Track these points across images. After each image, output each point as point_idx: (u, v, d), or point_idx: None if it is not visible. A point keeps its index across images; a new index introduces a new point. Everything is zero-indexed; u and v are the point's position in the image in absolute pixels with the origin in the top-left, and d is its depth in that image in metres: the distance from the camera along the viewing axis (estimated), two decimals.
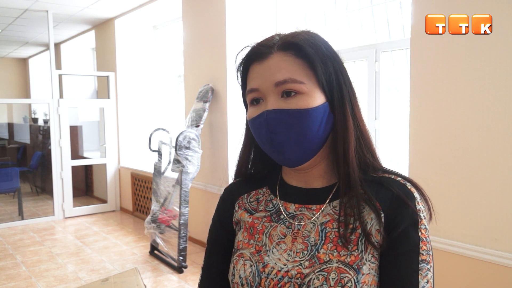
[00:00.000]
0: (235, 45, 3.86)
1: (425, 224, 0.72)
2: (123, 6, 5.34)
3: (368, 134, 0.79)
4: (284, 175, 0.85)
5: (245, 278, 0.76)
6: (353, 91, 0.79)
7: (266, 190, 0.86)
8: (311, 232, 0.76)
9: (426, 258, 0.71)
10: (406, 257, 0.70)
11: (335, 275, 0.70)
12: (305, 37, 0.76)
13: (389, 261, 0.71)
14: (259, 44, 0.78)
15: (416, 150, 2.44)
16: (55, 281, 3.57)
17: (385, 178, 0.76)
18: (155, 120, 5.92)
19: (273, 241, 0.78)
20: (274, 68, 0.74)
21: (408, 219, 0.71)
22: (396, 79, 3.05)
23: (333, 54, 0.77)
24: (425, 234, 0.72)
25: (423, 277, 0.69)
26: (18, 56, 9.75)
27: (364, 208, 0.74)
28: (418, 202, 0.73)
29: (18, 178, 6.10)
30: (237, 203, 0.87)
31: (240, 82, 0.82)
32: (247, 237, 0.81)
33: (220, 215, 0.90)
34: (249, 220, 0.83)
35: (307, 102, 0.73)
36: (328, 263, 0.71)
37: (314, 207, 0.78)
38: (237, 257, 0.80)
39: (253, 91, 0.77)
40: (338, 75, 0.76)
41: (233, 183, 0.92)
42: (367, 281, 0.70)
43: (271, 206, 0.83)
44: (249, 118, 0.78)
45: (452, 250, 2.28)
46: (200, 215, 4.39)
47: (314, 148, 0.76)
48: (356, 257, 0.71)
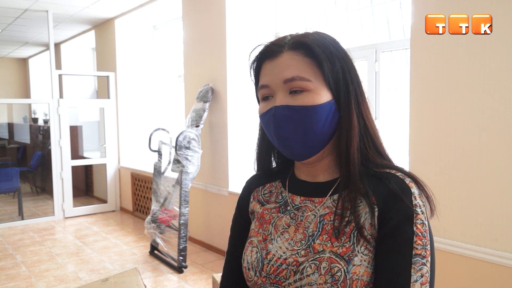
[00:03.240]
0: (235, 45, 3.86)
1: (422, 219, 0.73)
2: (123, 6, 5.34)
3: (375, 132, 0.82)
4: (295, 170, 0.90)
5: (251, 263, 0.83)
6: (361, 89, 0.82)
7: (278, 183, 0.91)
8: (311, 223, 0.80)
9: (421, 252, 0.71)
10: (398, 251, 0.72)
11: (326, 264, 0.73)
12: (315, 37, 0.80)
13: (382, 254, 0.73)
14: (272, 43, 0.82)
15: (416, 150, 2.44)
16: (55, 281, 3.57)
17: (385, 173, 0.78)
18: (155, 120, 5.92)
19: (278, 231, 0.83)
20: (284, 66, 0.78)
21: (402, 214, 0.73)
22: (396, 79, 3.06)
23: (341, 53, 0.81)
24: (421, 229, 0.72)
25: (417, 271, 0.70)
26: (18, 56, 9.75)
27: (361, 202, 0.77)
28: (415, 197, 0.74)
29: (18, 178, 6.10)
30: (252, 194, 0.93)
31: (253, 78, 0.87)
32: (257, 226, 0.88)
33: (239, 205, 0.96)
34: (260, 210, 0.89)
35: (313, 99, 0.76)
36: (321, 253, 0.75)
37: (317, 200, 0.82)
38: (248, 244, 0.87)
39: (264, 87, 0.81)
40: (346, 74, 0.79)
41: (253, 176, 0.98)
42: (358, 272, 0.72)
43: (280, 198, 0.88)
44: (260, 114, 0.83)
45: (452, 250, 2.28)
46: (200, 215, 4.39)
47: (319, 143, 0.79)
48: (347, 249, 0.74)
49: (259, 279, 0.80)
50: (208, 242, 4.34)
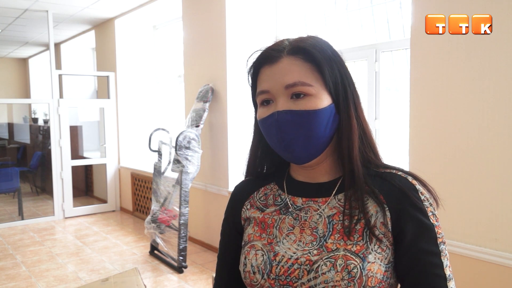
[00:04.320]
0: (235, 45, 3.86)
1: (432, 210, 0.78)
2: (123, 6, 5.34)
3: (370, 133, 0.84)
4: (291, 172, 0.90)
5: (257, 266, 0.81)
6: (357, 92, 0.84)
7: (273, 186, 0.90)
8: (318, 223, 0.80)
9: (442, 239, 0.77)
10: (428, 245, 0.76)
11: (342, 261, 0.74)
12: (312, 42, 0.81)
13: (413, 251, 0.76)
14: (269, 48, 0.82)
15: (416, 150, 2.44)
16: (55, 281, 3.57)
17: (387, 173, 0.81)
18: (155, 120, 5.92)
19: (283, 233, 0.83)
20: (285, 71, 0.78)
21: (417, 210, 0.76)
22: (396, 79, 3.05)
23: (338, 58, 0.82)
24: (435, 219, 0.77)
25: (444, 256, 0.77)
26: (18, 56, 9.75)
27: (368, 200, 0.79)
28: (422, 193, 0.78)
29: (18, 178, 6.10)
30: (248, 201, 0.91)
31: (251, 83, 0.86)
32: (258, 231, 0.86)
33: (230, 211, 0.95)
34: (260, 216, 0.88)
35: (315, 103, 0.77)
36: (336, 251, 0.76)
37: (320, 200, 0.82)
38: (249, 248, 0.85)
39: (264, 92, 0.81)
40: (343, 78, 0.81)
41: (243, 182, 0.96)
42: (373, 269, 0.74)
43: (279, 201, 0.87)
44: (260, 118, 0.82)
45: (452, 250, 2.28)
46: (200, 215, 4.39)
47: (321, 146, 0.80)
48: (361, 247, 0.75)
49: (266, 281, 0.79)
50: (208, 242, 4.34)
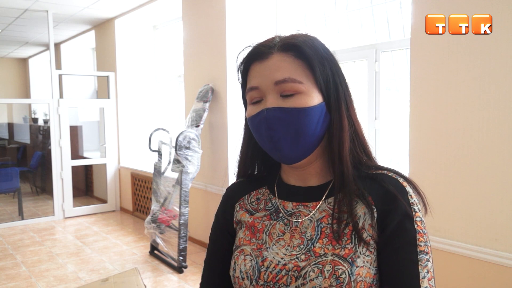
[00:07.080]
0: (235, 45, 3.86)
1: (420, 216, 0.75)
2: (123, 6, 5.34)
3: (362, 134, 0.82)
4: (282, 174, 0.88)
5: (245, 272, 0.79)
6: (349, 92, 0.82)
7: (265, 190, 0.88)
8: (308, 228, 0.78)
9: (424, 249, 0.73)
10: (404, 250, 0.72)
11: (330, 267, 0.72)
12: (304, 39, 0.79)
13: (388, 255, 0.73)
14: (260, 45, 0.80)
15: (416, 150, 2.44)
16: (55, 281, 3.57)
17: (378, 174, 0.79)
18: (155, 120, 5.92)
19: (273, 239, 0.80)
20: (275, 68, 0.77)
21: (402, 213, 0.73)
22: (396, 79, 3.05)
23: (330, 56, 0.80)
24: (421, 226, 0.74)
25: (423, 267, 0.71)
26: (18, 56, 9.75)
27: (357, 203, 0.76)
28: (411, 196, 0.75)
29: (18, 178, 6.09)
30: (238, 204, 0.89)
31: (241, 80, 0.84)
32: (248, 235, 0.84)
33: (221, 214, 0.92)
34: (249, 220, 0.85)
35: (305, 101, 0.75)
36: (323, 256, 0.74)
37: (311, 204, 0.80)
38: (238, 253, 0.83)
39: (253, 89, 0.79)
40: (335, 77, 0.79)
41: (235, 184, 0.94)
42: (362, 273, 0.72)
43: (270, 206, 0.85)
44: (249, 116, 0.80)
45: (452, 250, 2.28)
46: (200, 215, 4.39)
47: (310, 146, 0.78)
48: (350, 250, 0.73)
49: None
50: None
